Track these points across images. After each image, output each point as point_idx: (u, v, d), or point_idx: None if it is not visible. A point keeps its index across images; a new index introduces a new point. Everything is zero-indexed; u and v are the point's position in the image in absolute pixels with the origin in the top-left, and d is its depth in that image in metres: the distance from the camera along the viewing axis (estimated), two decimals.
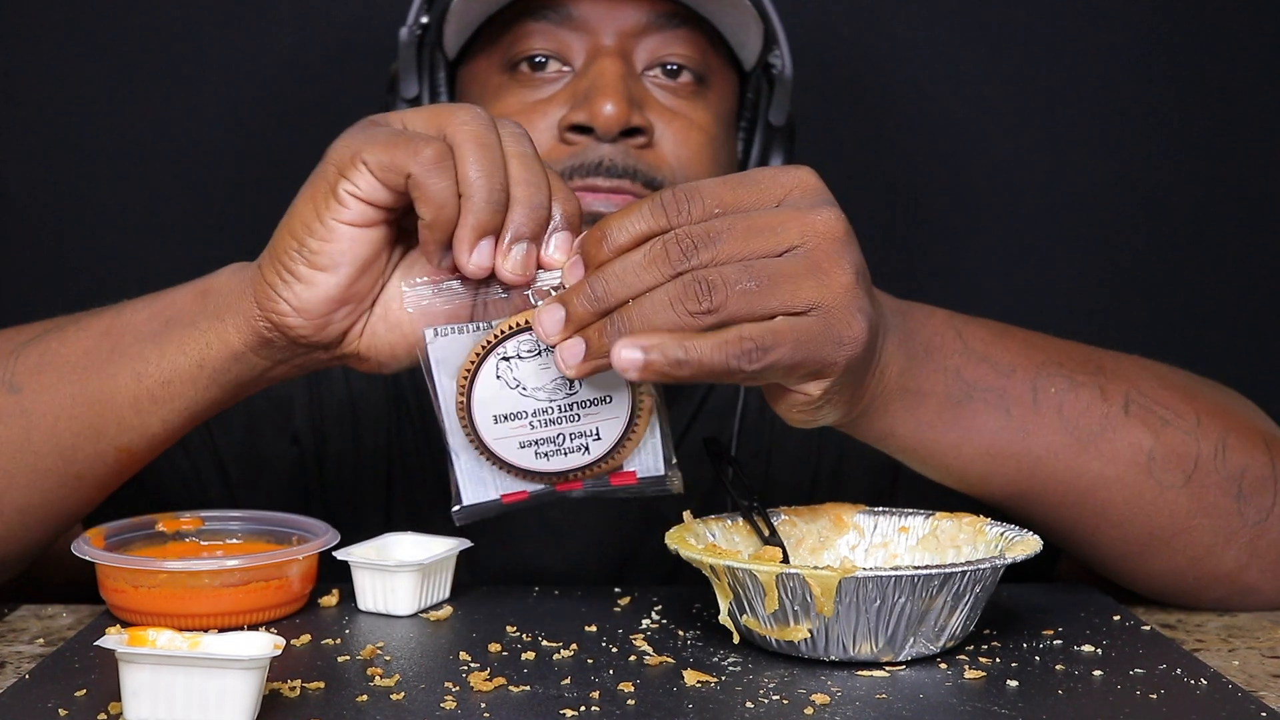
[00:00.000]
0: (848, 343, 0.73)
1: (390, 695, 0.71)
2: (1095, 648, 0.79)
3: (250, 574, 0.83)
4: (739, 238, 0.72)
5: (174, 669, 0.65)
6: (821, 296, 0.72)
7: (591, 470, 0.78)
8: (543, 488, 0.79)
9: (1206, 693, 0.72)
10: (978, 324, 0.87)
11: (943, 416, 0.84)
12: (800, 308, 0.72)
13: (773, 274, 0.71)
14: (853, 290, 0.73)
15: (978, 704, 0.71)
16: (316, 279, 0.78)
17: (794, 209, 0.73)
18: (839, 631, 0.74)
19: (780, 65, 1.11)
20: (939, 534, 0.86)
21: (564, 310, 0.73)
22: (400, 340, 0.81)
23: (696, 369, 0.70)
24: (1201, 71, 1.51)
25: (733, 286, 0.70)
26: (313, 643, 0.80)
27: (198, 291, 0.84)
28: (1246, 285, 1.54)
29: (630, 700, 0.70)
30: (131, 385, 0.84)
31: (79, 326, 0.88)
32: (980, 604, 0.77)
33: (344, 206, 0.77)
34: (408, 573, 0.85)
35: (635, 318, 0.71)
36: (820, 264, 0.72)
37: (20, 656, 0.80)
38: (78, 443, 0.86)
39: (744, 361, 0.70)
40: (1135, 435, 0.86)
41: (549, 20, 1.01)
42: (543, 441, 0.77)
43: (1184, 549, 0.88)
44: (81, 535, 0.87)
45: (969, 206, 1.54)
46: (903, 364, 0.81)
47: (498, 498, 0.79)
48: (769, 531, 0.86)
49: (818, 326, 0.72)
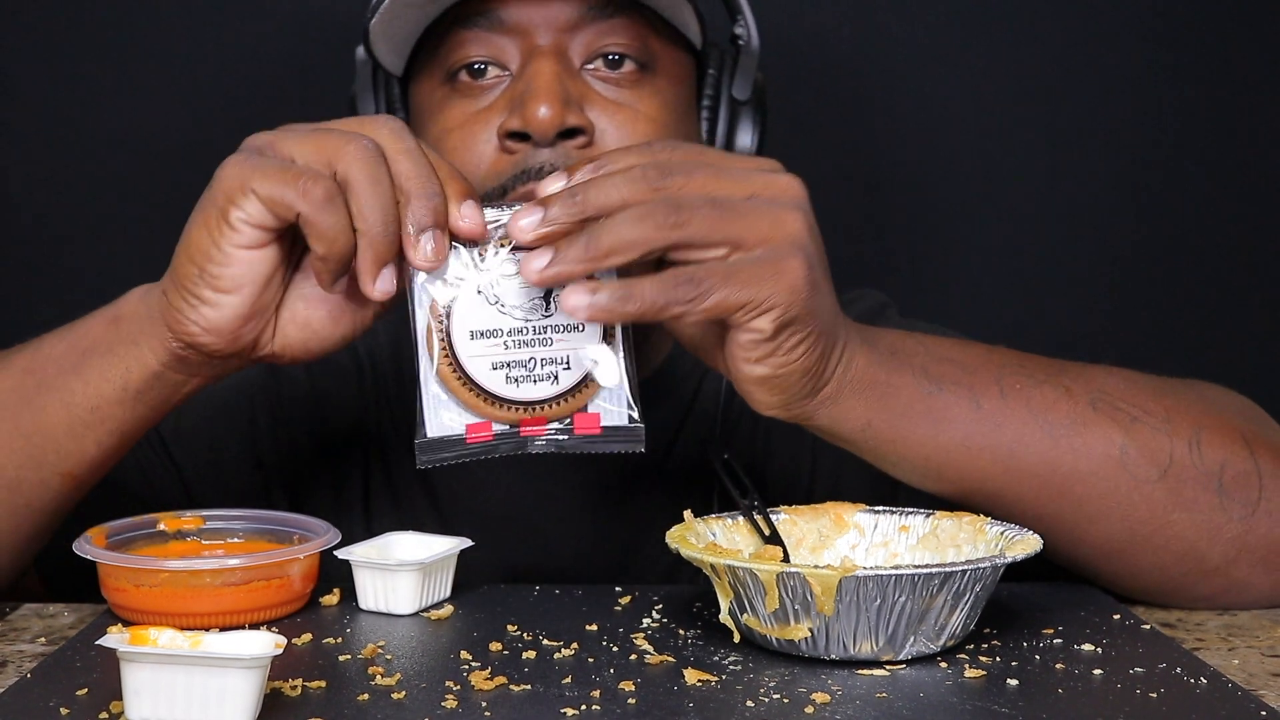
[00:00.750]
0: (789, 278, 0.77)
1: (391, 694, 0.71)
2: (1095, 647, 0.79)
3: (251, 573, 0.83)
4: (711, 175, 0.78)
5: (175, 668, 0.65)
6: (771, 235, 0.78)
7: (557, 405, 0.80)
8: (507, 428, 0.80)
9: (1206, 692, 0.72)
10: (936, 336, 0.91)
11: (915, 407, 0.86)
12: (751, 242, 0.77)
13: (733, 207, 0.77)
14: (805, 237, 0.79)
15: (978, 703, 0.71)
16: (222, 300, 0.81)
17: (758, 170, 0.81)
18: (839, 630, 0.75)
19: (746, 35, 1.08)
20: (939, 533, 0.86)
21: (541, 213, 0.77)
22: (311, 336, 0.85)
23: (640, 304, 0.75)
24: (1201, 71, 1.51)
25: (698, 209, 0.76)
26: (314, 642, 0.80)
27: (109, 319, 0.88)
28: (1246, 285, 1.54)
29: (631, 699, 0.71)
30: (63, 414, 0.88)
31: (2, 365, 0.91)
32: (980, 603, 0.77)
33: (237, 232, 0.80)
34: (409, 572, 0.85)
35: (605, 231, 0.75)
36: (775, 212, 0.78)
37: (22, 655, 0.80)
38: (21, 474, 0.89)
39: (682, 293, 0.75)
40: (1105, 430, 0.87)
41: (480, 27, 0.99)
42: (514, 365, 0.80)
43: (1166, 545, 0.88)
44: (83, 535, 0.87)
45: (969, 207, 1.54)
46: (868, 358, 0.84)
47: (461, 432, 0.80)
48: (769, 531, 0.86)
49: (755, 261, 0.77)
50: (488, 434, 0.80)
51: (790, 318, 0.78)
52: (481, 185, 0.98)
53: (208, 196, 0.81)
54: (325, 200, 0.77)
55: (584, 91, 0.99)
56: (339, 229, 0.78)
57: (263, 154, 0.80)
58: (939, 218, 1.54)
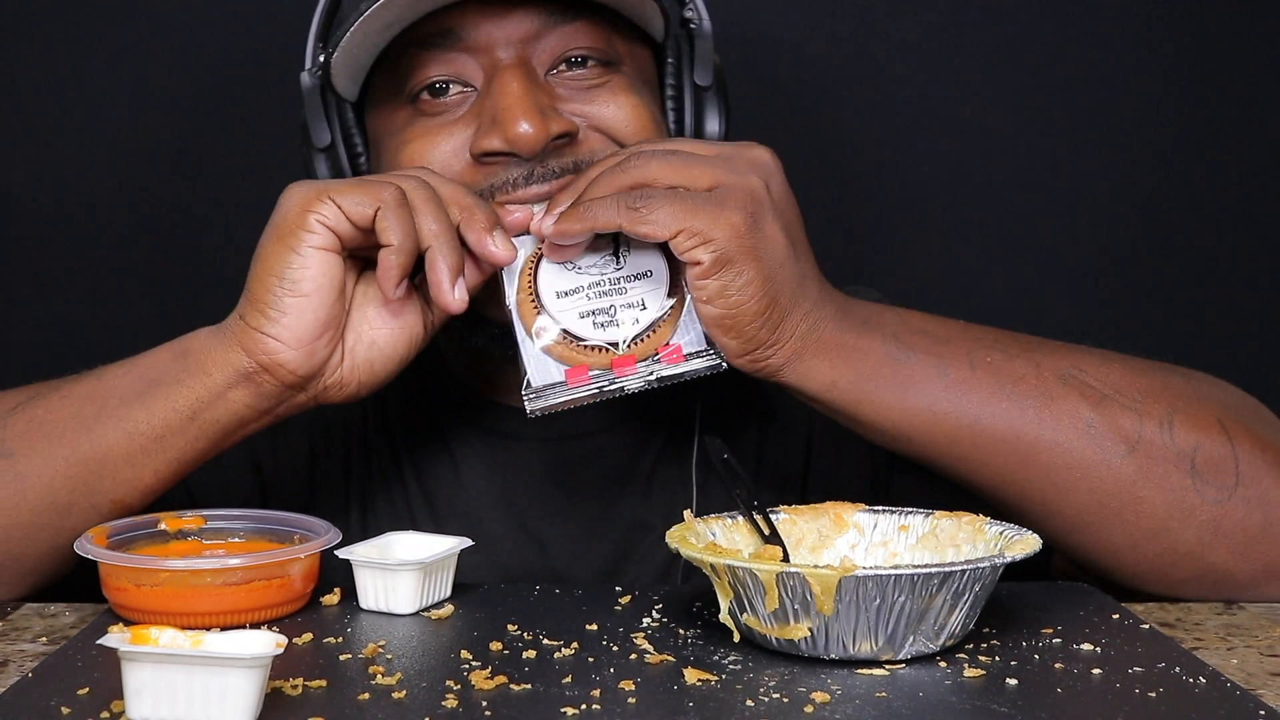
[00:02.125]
0: (728, 217, 0.85)
1: (392, 693, 0.71)
2: (1094, 646, 0.80)
3: (252, 573, 0.83)
4: (685, 144, 0.90)
5: (176, 667, 0.65)
6: (722, 181, 0.86)
7: (642, 341, 0.90)
8: (602, 371, 0.90)
9: (1205, 691, 0.72)
10: (915, 311, 0.94)
11: (881, 371, 0.90)
12: (704, 183, 0.86)
13: (693, 160, 0.87)
14: (759, 193, 0.87)
15: (977, 702, 0.71)
16: (300, 306, 0.87)
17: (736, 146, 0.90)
18: (839, 630, 0.75)
19: (696, 18, 1.06)
20: (939, 533, 0.86)
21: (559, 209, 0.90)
22: (377, 356, 0.91)
23: (591, 220, 0.87)
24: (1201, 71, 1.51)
25: (656, 159, 0.87)
26: (314, 641, 0.81)
27: (176, 353, 0.91)
28: (1246, 285, 1.54)
29: (631, 698, 0.71)
30: (124, 443, 0.90)
31: (62, 393, 0.93)
32: (980, 602, 0.78)
33: (314, 233, 0.87)
34: (409, 571, 0.85)
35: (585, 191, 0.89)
36: (736, 166, 0.87)
37: (23, 655, 0.81)
38: (73, 499, 0.91)
39: (625, 208, 0.86)
40: (1072, 404, 0.90)
41: (440, 47, 0.97)
42: (598, 312, 0.91)
43: (1136, 520, 0.90)
44: (84, 534, 0.87)
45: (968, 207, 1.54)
46: (839, 323, 0.90)
47: (561, 378, 0.90)
48: (769, 530, 0.86)
49: (702, 198, 0.86)
50: (585, 377, 0.90)
51: (728, 254, 0.85)
52: None
53: (277, 216, 0.88)
54: (397, 202, 0.87)
55: (554, 98, 0.98)
56: (409, 229, 0.87)
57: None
58: (937, 217, 1.54)
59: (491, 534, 1.08)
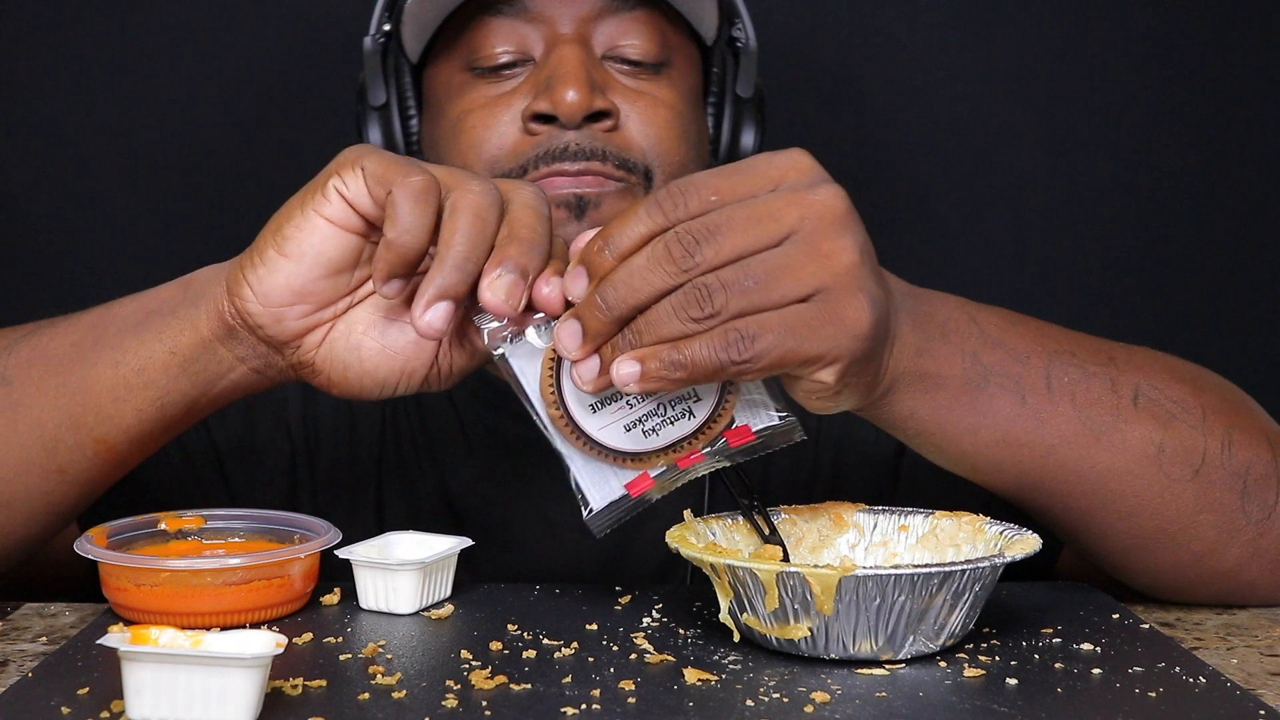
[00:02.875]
0: (850, 325, 0.73)
1: (392, 693, 0.71)
2: (1094, 646, 0.80)
3: (252, 573, 0.83)
4: (739, 228, 0.72)
5: (176, 667, 0.65)
6: (823, 280, 0.72)
7: (703, 434, 0.77)
8: (663, 469, 0.78)
9: (1205, 691, 0.72)
10: (990, 310, 0.88)
11: (960, 400, 0.83)
12: (804, 294, 0.72)
13: (771, 268, 0.71)
14: (856, 270, 0.73)
15: (977, 702, 0.71)
16: (279, 265, 0.81)
17: (793, 191, 0.73)
18: (839, 630, 0.75)
19: (744, 38, 1.10)
20: (939, 533, 0.86)
21: (579, 324, 0.73)
22: (355, 364, 0.83)
23: (692, 369, 0.71)
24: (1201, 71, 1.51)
25: (732, 288, 0.71)
26: (314, 641, 0.81)
27: (181, 283, 0.88)
28: (1246, 285, 1.54)
29: (631, 698, 0.71)
30: (109, 373, 0.86)
31: (69, 322, 0.90)
32: (980, 602, 0.78)
33: (327, 200, 0.80)
34: (409, 571, 0.85)
35: (644, 330, 0.72)
36: (820, 246, 0.72)
37: (23, 655, 0.81)
38: (60, 434, 0.87)
39: (732, 353, 0.71)
40: (1145, 428, 0.86)
41: (505, 15, 1.02)
42: (645, 418, 0.77)
43: (1188, 544, 0.88)
44: (84, 534, 0.87)
45: (968, 206, 1.54)
46: (918, 345, 0.81)
47: (624, 492, 0.79)
48: (769, 530, 0.86)
49: (813, 312, 0.72)
50: (648, 482, 0.79)
51: (857, 364, 0.75)
52: (502, 165, 1.00)
53: (320, 174, 0.81)
54: (420, 192, 0.76)
55: (606, 78, 1.01)
56: (417, 225, 0.76)
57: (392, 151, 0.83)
58: (937, 218, 1.54)
59: (503, 511, 1.09)
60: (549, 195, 0.96)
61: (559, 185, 0.99)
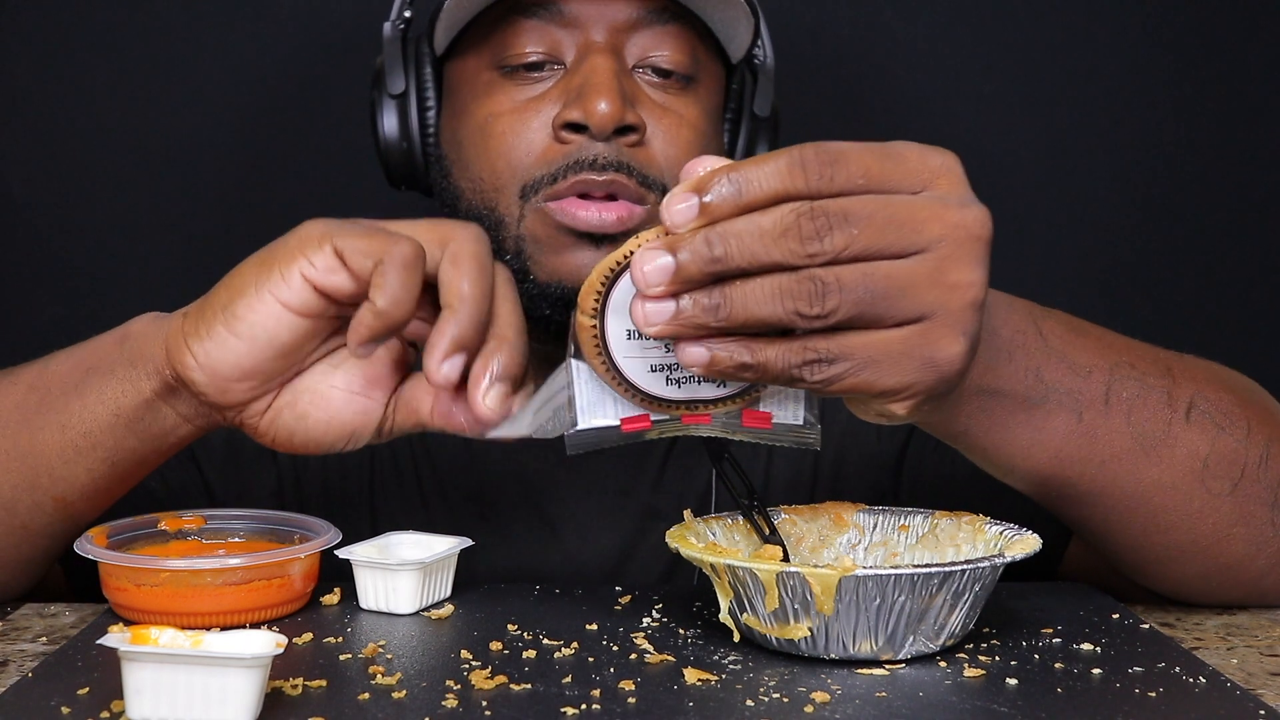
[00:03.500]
0: (942, 364, 0.69)
1: (392, 693, 0.71)
2: (1094, 646, 0.80)
3: (252, 573, 0.83)
4: (877, 228, 0.66)
5: (176, 667, 0.65)
6: (936, 307, 0.67)
7: (725, 404, 0.73)
8: (668, 417, 0.74)
9: (1205, 691, 0.72)
10: (1055, 319, 0.84)
11: (1016, 417, 0.80)
12: (914, 317, 0.67)
13: (893, 284, 0.66)
14: (973, 310, 0.68)
15: (977, 702, 0.71)
16: (228, 343, 0.78)
17: (940, 203, 0.68)
18: (839, 630, 0.75)
19: (763, 55, 1.11)
20: (938, 532, 0.86)
21: (672, 260, 0.66)
22: (301, 430, 0.82)
23: (761, 374, 0.68)
24: (1201, 71, 1.51)
25: (848, 293, 0.66)
26: (314, 641, 0.81)
27: (117, 338, 0.86)
28: (1246, 285, 1.54)
29: (631, 698, 0.71)
30: (57, 437, 0.86)
31: (10, 379, 0.89)
32: (980, 602, 0.78)
33: (287, 284, 0.77)
34: (409, 571, 0.85)
35: (738, 303, 0.66)
36: (948, 273, 0.67)
37: (23, 655, 0.81)
38: (16, 494, 0.87)
39: (807, 372, 0.67)
40: (1194, 442, 0.84)
41: (540, 18, 1.01)
42: (676, 366, 0.72)
43: (1219, 556, 0.87)
44: (84, 534, 0.87)
45: None
46: (985, 363, 0.78)
47: (616, 423, 0.74)
48: (769, 530, 0.86)
49: (905, 345, 0.68)
50: (645, 424, 0.74)
51: (933, 400, 0.71)
52: (531, 172, 1.00)
53: (277, 242, 0.78)
54: (411, 261, 0.74)
55: (635, 91, 1.01)
56: (408, 297, 0.75)
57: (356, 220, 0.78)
58: None
59: (503, 514, 1.08)
60: (572, 218, 0.97)
61: (578, 211, 0.97)
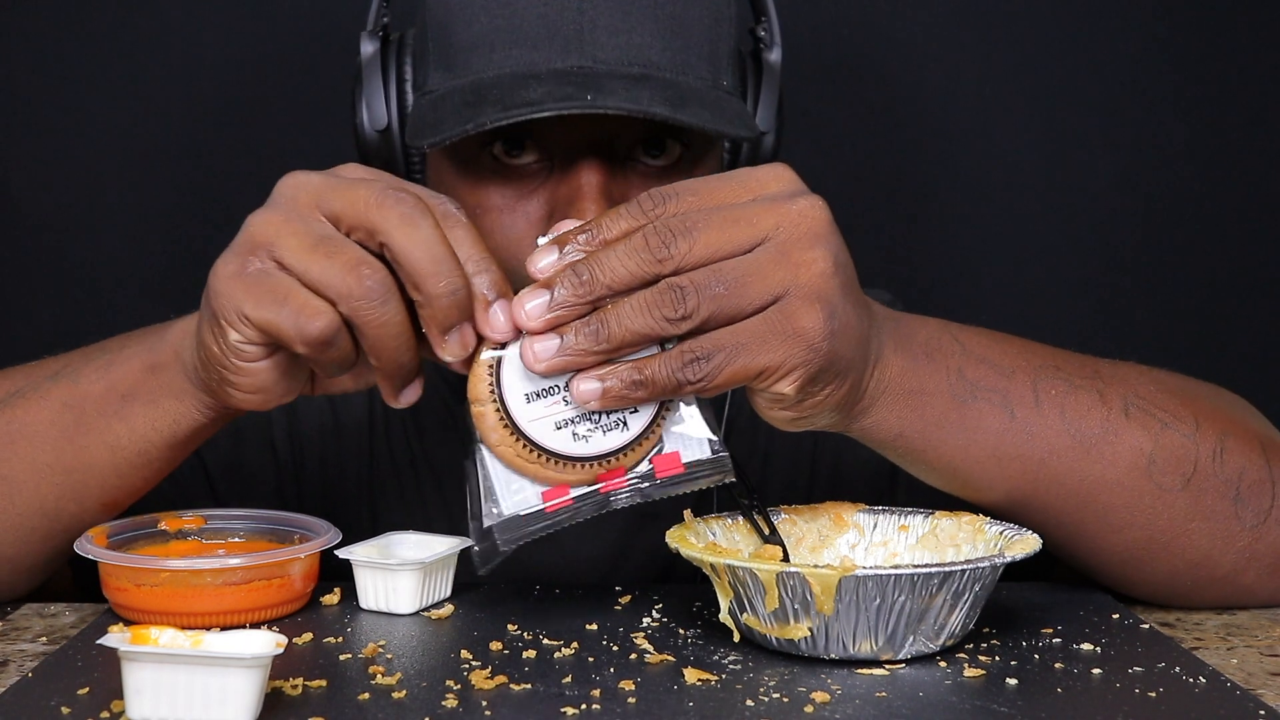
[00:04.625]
0: (805, 335, 0.73)
1: (392, 693, 0.71)
2: (1094, 646, 0.80)
3: (252, 573, 0.83)
4: (715, 227, 0.73)
5: (176, 667, 0.65)
6: (788, 284, 0.73)
7: (632, 450, 0.75)
8: (586, 489, 0.76)
9: (1205, 691, 0.72)
10: (972, 330, 0.88)
11: (949, 416, 0.83)
12: (769, 301, 0.72)
13: (742, 274, 0.72)
14: (823, 281, 0.73)
15: (977, 702, 0.71)
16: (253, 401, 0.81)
17: (771, 200, 0.74)
18: (839, 630, 0.75)
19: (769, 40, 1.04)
20: (938, 533, 0.86)
21: (547, 297, 0.73)
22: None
23: (651, 388, 0.72)
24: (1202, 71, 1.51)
25: (704, 291, 0.72)
26: (314, 641, 0.81)
27: (147, 367, 0.87)
28: (1246, 285, 1.54)
29: (631, 698, 0.71)
30: (108, 456, 0.88)
31: (39, 394, 0.89)
32: (980, 602, 0.78)
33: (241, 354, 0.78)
34: (409, 571, 0.85)
35: (613, 323, 0.72)
36: (791, 255, 0.73)
37: (23, 655, 0.81)
38: (61, 504, 0.89)
39: (689, 373, 0.72)
40: (1135, 439, 0.86)
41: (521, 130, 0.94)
42: (578, 420, 0.75)
43: (1182, 553, 0.87)
44: (84, 534, 0.87)
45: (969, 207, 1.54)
46: (903, 364, 0.81)
47: (538, 503, 0.76)
48: (769, 530, 0.86)
49: (766, 324, 0.72)
50: (566, 498, 0.76)
51: (812, 375, 0.74)
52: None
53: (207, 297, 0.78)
54: (323, 337, 0.74)
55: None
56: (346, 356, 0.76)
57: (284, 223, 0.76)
58: (938, 218, 1.54)
59: None
60: None
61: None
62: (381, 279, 0.74)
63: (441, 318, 0.74)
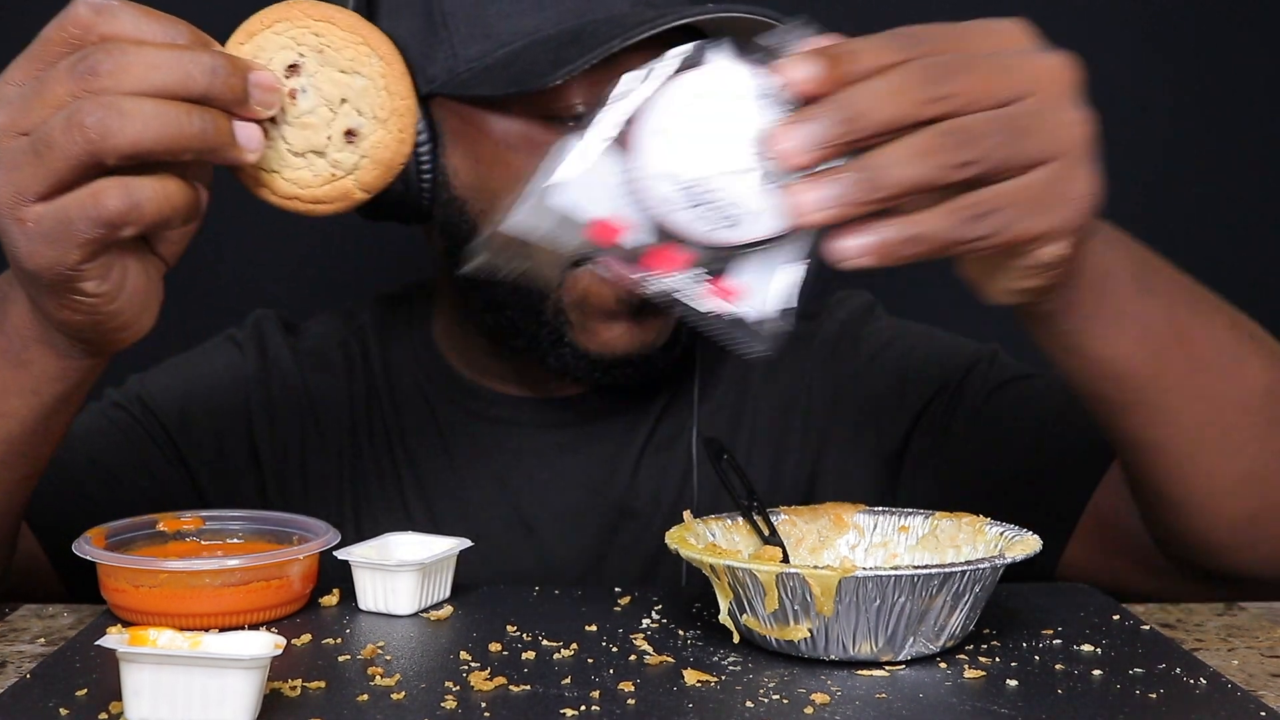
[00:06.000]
0: (1081, 198, 0.69)
1: (391, 695, 0.71)
2: (1095, 647, 0.79)
3: (251, 573, 0.83)
4: (982, 73, 0.65)
5: (175, 668, 0.65)
6: (1060, 148, 0.67)
7: (719, 251, 0.65)
8: (640, 243, 0.65)
9: (1206, 692, 0.72)
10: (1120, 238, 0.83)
11: (1126, 290, 0.79)
12: (1046, 158, 0.67)
13: (1017, 125, 0.66)
14: (1090, 141, 0.69)
15: (977, 703, 0.71)
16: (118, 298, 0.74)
17: (1022, 54, 0.68)
18: (839, 631, 0.75)
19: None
20: (938, 534, 0.86)
21: (807, 130, 0.64)
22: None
23: (927, 244, 0.66)
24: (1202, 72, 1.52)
25: (984, 140, 0.65)
26: (313, 642, 0.80)
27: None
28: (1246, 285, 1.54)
29: (630, 700, 0.71)
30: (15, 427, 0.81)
31: None
32: (980, 603, 0.78)
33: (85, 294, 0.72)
34: (408, 572, 0.85)
35: (885, 169, 0.64)
36: (1057, 111, 0.67)
37: (21, 656, 0.80)
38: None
39: (968, 230, 0.66)
40: (1260, 368, 0.84)
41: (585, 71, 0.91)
42: (700, 182, 0.65)
43: (1271, 494, 0.86)
44: (83, 535, 0.87)
45: None
46: (1102, 237, 0.77)
47: (586, 219, 0.65)
48: (769, 531, 0.86)
49: (1045, 185, 0.67)
50: (612, 238, 0.65)
51: (1080, 239, 0.71)
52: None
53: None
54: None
55: None
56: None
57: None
58: None
59: (481, 514, 1.09)
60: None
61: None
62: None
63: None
